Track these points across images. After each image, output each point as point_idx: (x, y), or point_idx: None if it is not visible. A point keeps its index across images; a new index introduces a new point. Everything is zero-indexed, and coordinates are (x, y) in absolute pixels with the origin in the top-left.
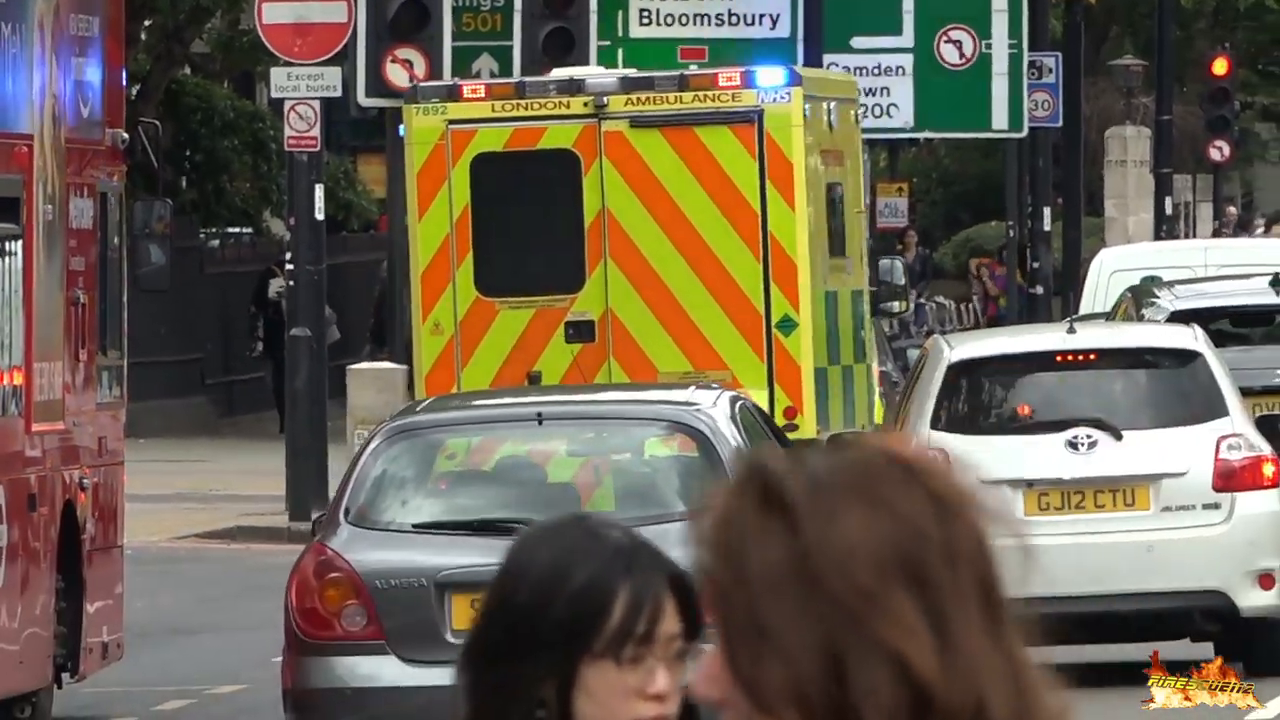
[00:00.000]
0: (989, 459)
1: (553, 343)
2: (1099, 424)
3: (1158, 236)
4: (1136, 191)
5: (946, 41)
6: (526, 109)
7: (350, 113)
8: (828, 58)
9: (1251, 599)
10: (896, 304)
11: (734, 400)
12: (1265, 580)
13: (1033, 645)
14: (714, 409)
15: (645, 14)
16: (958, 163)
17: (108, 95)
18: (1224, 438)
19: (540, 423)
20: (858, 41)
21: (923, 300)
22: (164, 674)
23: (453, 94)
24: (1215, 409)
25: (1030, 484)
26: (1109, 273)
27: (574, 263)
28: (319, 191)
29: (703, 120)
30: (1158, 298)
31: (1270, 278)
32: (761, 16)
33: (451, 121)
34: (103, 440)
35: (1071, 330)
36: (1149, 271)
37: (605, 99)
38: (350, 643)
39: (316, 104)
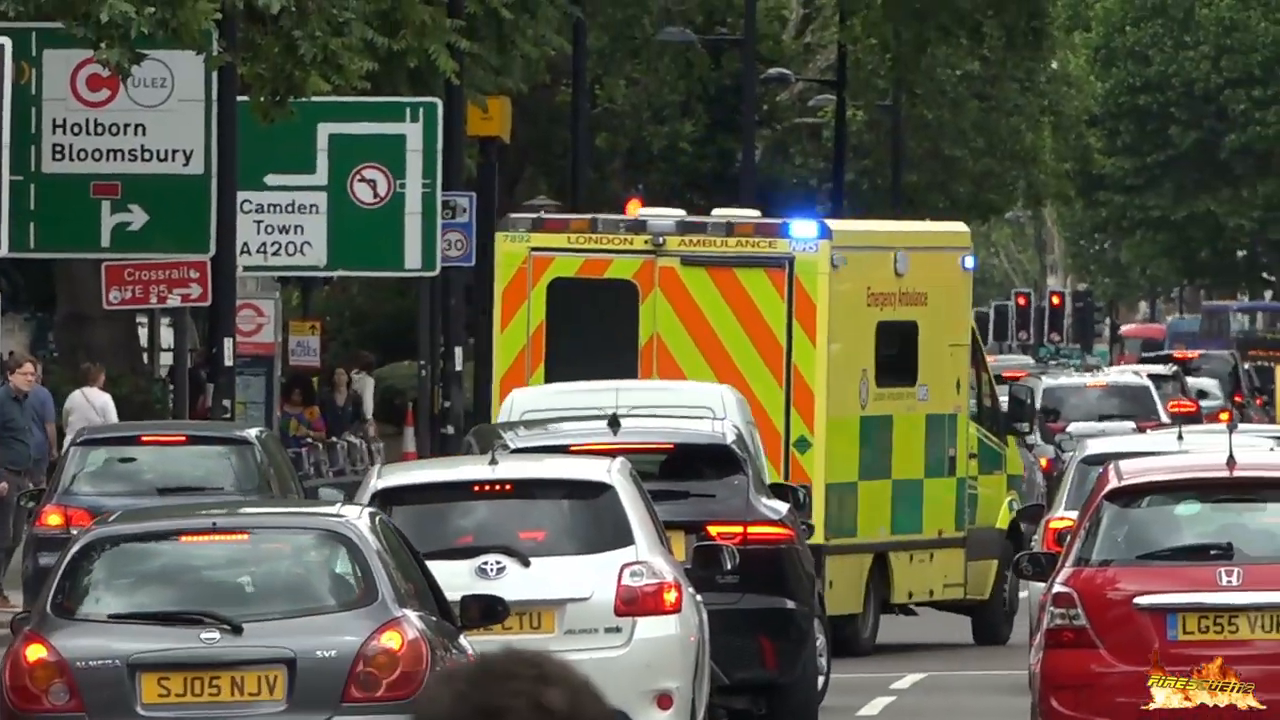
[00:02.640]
0: None
1: None
2: (508, 551)
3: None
4: None
5: (360, 180)
6: (598, 242)
7: None
8: (241, 195)
9: (651, 718)
10: (1026, 425)
11: (373, 515)
12: (664, 700)
13: None
14: (358, 520)
15: (58, 149)
16: (370, 301)
17: None
18: (627, 565)
19: (215, 530)
20: (271, 179)
21: (353, 439)
22: None
23: (537, 225)
24: (622, 538)
25: None
26: (520, 412)
27: (628, 377)
28: None
29: (742, 263)
30: (500, 438)
31: (609, 419)
32: (175, 152)
33: (534, 249)
34: None
35: (494, 461)
36: (561, 412)
37: (663, 238)
38: (56, 715)
39: None
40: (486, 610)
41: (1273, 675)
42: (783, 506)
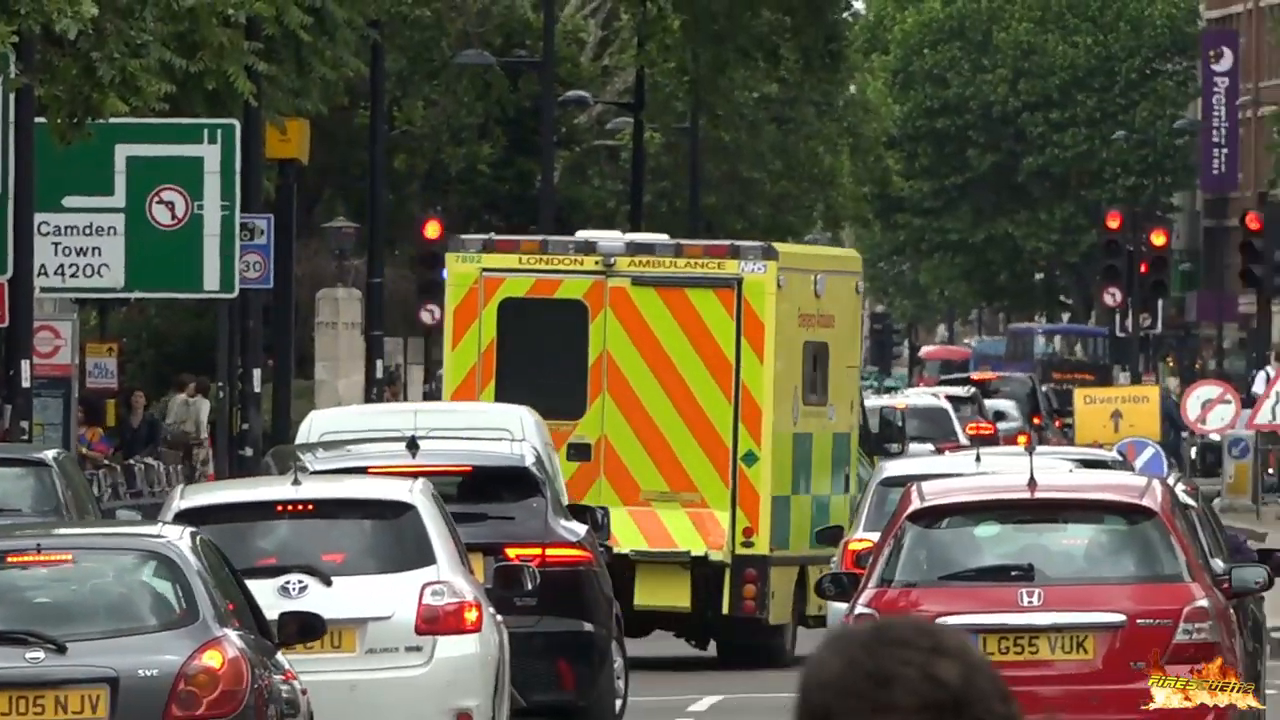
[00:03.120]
0: None
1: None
2: (310, 570)
3: (368, 399)
4: (348, 354)
5: (158, 202)
6: (548, 263)
7: None
8: (39, 216)
9: None
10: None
11: (194, 535)
12: (463, 718)
13: None
14: (179, 541)
15: None
16: (168, 323)
17: None
18: (428, 584)
19: (39, 551)
20: (70, 201)
21: (150, 461)
22: None
23: (488, 246)
24: (424, 557)
25: None
26: (319, 434)
27: (578, 394)
28: None
29: (692, 283)
30: (299, 459)
31: (408, 440)
32: None
33: (485, 269)
34: None
35: (297, 481)
36: (359, 434)
37: (613, 259)
38: None
39: None
40: (305, 627)
41: (1074, 695)
42: (581, 529)
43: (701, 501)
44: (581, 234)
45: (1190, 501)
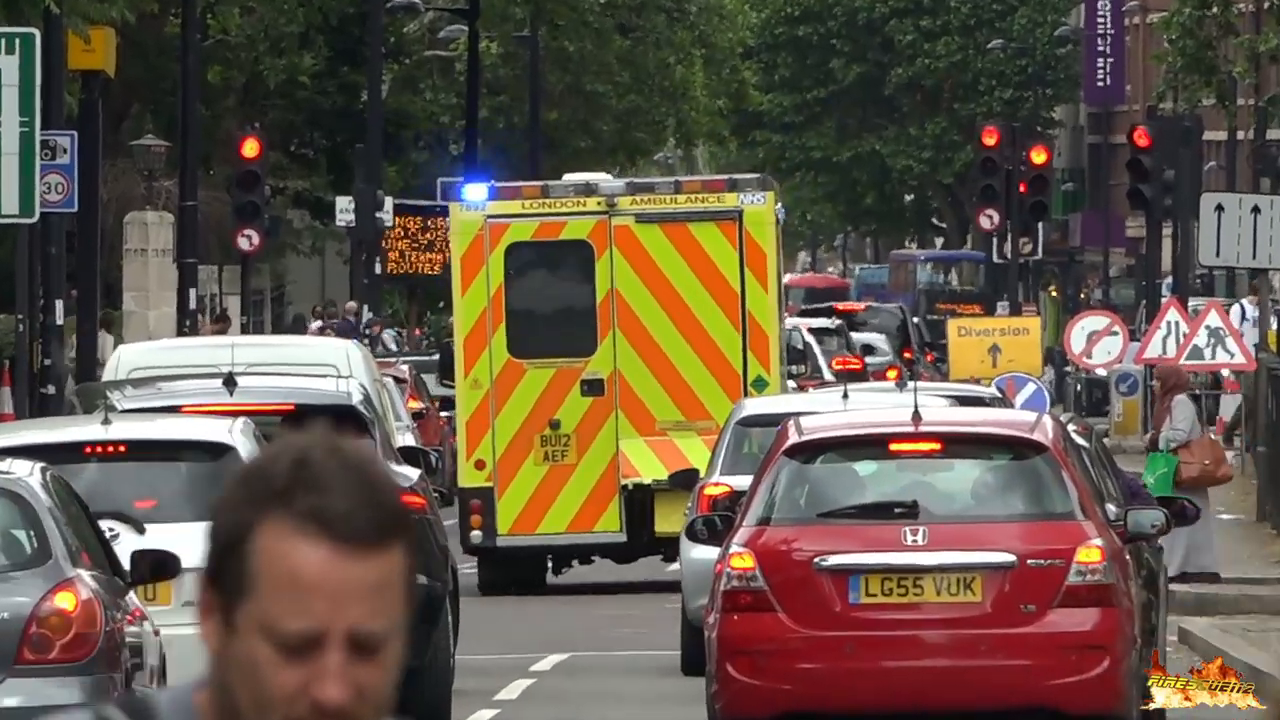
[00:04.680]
0: None
1: (570, 396)
2: (121, 517)
3: (180, 331)
4: (159, 283)
5: None
6: (551, 206)
7: None
8: None
9: None
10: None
11: (44, 471)
12: None
13: None
14: (30, 478)
15: None
16: None
17: None
18: None
19: None
20: None
21: None
22: None
23: (490, 194)
24: None
25: None
26: (128, 370)
27: (588, 332)
28: None
29: (694, 218)
30: (106, 397)
31: (224, 377)
32: None
33: (490, 216)
34: None
35: (106, 421)
36: (172, 370)
37: (615, 199)
38: None
39: None
40: (158, 566)
41: (959, 640)
42: (414, 473)
43: (716, 428)
44: (572, 176)
45: (1083, 442)
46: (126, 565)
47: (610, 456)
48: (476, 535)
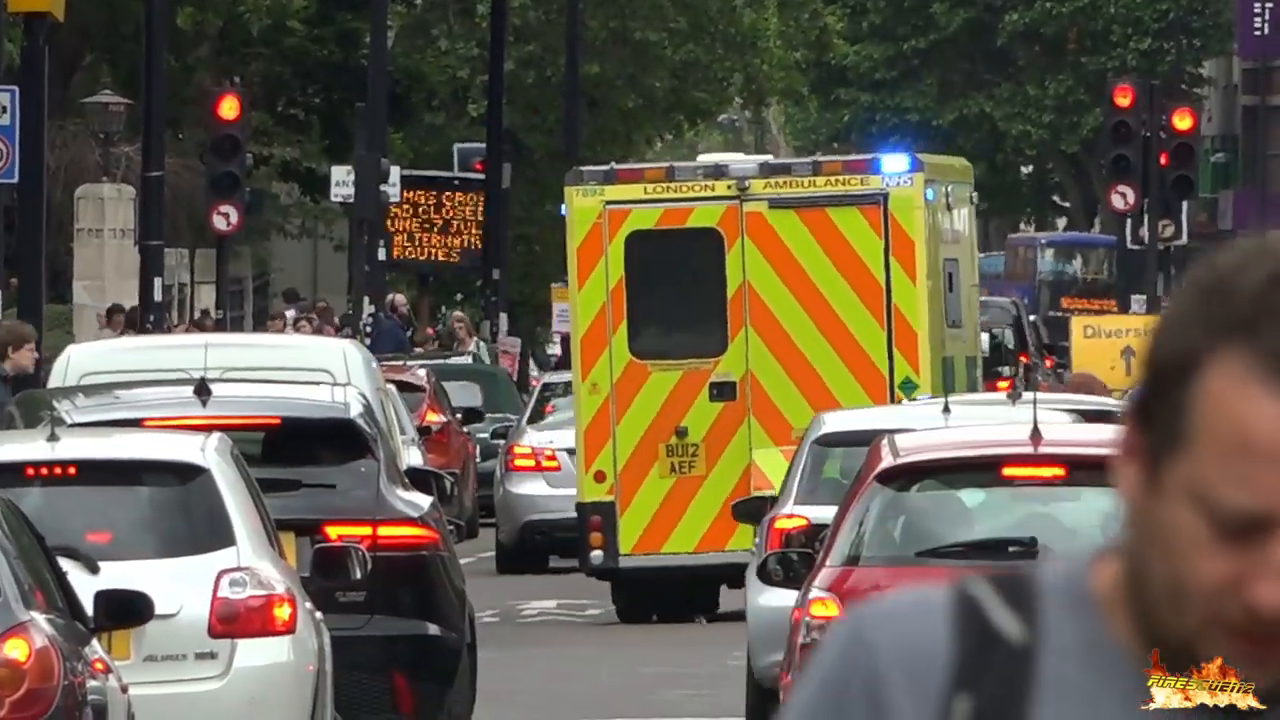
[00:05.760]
0: None
1: (698, 401)
2: (71, 553)
3: (143, 329)
4: (116, 270)
5: None
6: (676, 191)
7: None
8: None
9: None
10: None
11: None
12: None
13: None
14: None
15: None
16: None
17: None
18: (226, 572)
19: None
20: None
21: None
22: None
23: (609, 177)
24: (220, 537)
25: None
26: (79, 375)
27: (718, 329)
28: None
29: (834, 202)
30: (53, 409)
31: (196, 384)
32: None
33: (609, 202)
34: None
35: (53, 437)
36: (132, 375)
37: (747, 182)
38: None
39: None
40: (125, 609)
41: None
42: (424, 500)
43: None
44: (704, 158)
45: None
46: (89, 608)
47: (743, 468)
48: (597, 555)
